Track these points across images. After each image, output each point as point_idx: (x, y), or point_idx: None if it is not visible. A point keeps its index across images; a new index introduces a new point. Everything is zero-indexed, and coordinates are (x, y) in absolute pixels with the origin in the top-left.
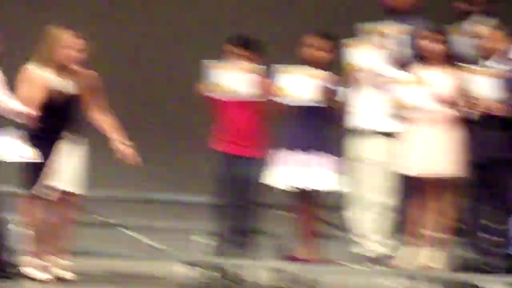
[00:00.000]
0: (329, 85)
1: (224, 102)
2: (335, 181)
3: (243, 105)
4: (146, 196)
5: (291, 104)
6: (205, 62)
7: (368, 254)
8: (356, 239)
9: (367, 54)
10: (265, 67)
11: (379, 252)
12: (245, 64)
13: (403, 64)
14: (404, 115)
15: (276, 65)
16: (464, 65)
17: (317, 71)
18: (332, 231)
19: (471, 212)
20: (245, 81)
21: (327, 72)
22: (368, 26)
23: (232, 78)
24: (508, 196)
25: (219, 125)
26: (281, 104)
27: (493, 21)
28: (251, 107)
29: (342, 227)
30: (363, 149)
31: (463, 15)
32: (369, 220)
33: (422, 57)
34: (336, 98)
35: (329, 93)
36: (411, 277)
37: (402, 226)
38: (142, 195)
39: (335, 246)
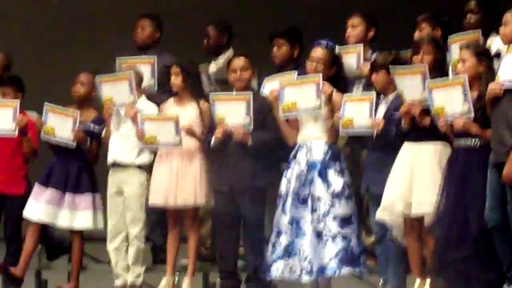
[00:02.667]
0: (83, 124)
1: None
2: (90, 218)
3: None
4: None
5: (50, 142)
6: None
7: (127, 284)
8: (118, 271)
9: (121, 88)
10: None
11: (138, 281)
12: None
13: (154, 97)
14: (154, 148)
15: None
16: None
17: (71, 110)
18: (95, 264)
19: (223, 241)
20: (8, 118)
21: (77, 111)
22: (122, 59)
23: None
24: (256, 225)
25: None
26: (34, 141)
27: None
28: (10, 142)
29: (105, 260)
30: (121, 182)
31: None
32: (129, 252)
33: (170, 90)
34: (91, 135)
35: (81, 132)
36: None
37: (162, 256)
38: None
39: (97, 279)
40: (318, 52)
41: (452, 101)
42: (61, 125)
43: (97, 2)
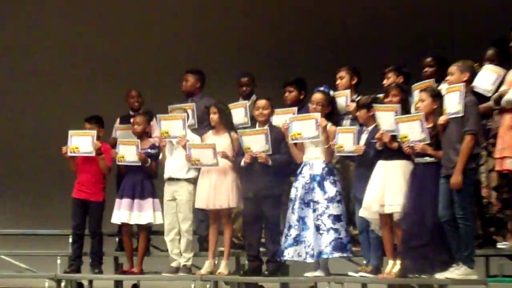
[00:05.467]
0: (143, 150)
1: (77, 158)
2: (152, 216)
3: (87, 161)
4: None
5: (120, 164)
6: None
7: (180, 266)
8: (173, 256)
9: (176, 124)
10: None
11: (188, 264)
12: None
13: (195, 131)
14: (198, 167)
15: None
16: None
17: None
18: (157, 251)
19: (250, 233)
20: (88, 143)
21: (137, 140)
22: (171, 107)
23: (81, 141)
24: (273, 221)
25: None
26: (110, 162)
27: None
28: (93, 163)
29: (164, 248)
30: (174, 192)
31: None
32: (181, 242)
33: (209, 124)
34: (150, 157)
35: (145, 156)
36: (205, 279)
37: (205, 245)
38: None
39: (158, 261)
40: (318, 96)
41: (413, 131)
42: (129, 152)
43: (151, 64)
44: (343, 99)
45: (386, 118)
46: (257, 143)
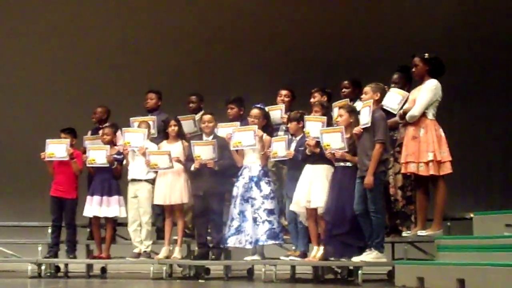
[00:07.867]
0: (111, 155)
1: (54, 162)
2: (118, 211)
3: (62, 164)
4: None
5: (91, 166)
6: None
7: (141, 252)
8: (135, 244)
9: (137, 136)
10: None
11: (148, 250)
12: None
13: (156, 140)
14: (156, 169)
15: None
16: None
17: (104, 146)
18: (121, 239)
19: (199, 224)
20: (63, 150)
21: (107, 146)
22: (134, 118)
23: (56, 148)
24: (218, 214)
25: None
26: (81, 166)
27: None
28: (67, 166)
29: (127, 237)
30: (136, 190)
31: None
32: (142, 232)
33: (165, 135)
34: (116, 161)
35: (112, 159)
36: (162, 263)
37: (162, 234)
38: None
39: (122, 248)
40: (255, 112)
41: (334, 141)
42: (99, 155)
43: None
44: (278, 112)
45: (314, 127)
46: (206, 152)
